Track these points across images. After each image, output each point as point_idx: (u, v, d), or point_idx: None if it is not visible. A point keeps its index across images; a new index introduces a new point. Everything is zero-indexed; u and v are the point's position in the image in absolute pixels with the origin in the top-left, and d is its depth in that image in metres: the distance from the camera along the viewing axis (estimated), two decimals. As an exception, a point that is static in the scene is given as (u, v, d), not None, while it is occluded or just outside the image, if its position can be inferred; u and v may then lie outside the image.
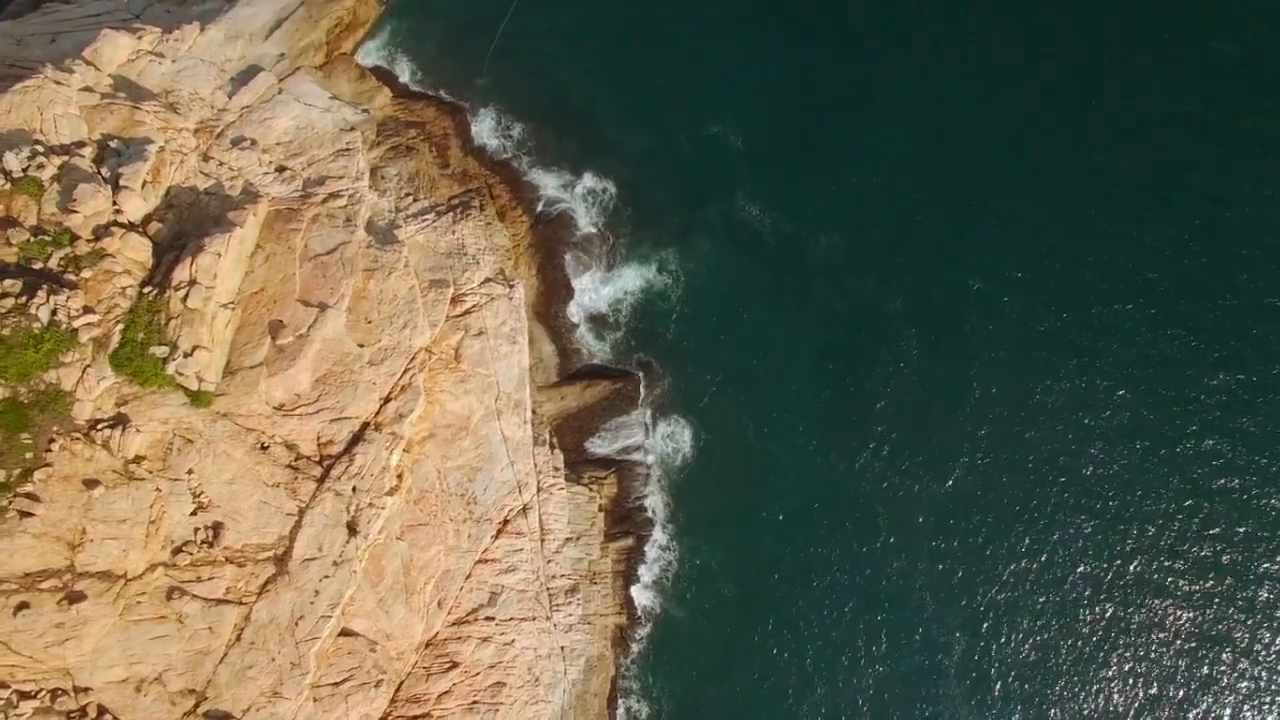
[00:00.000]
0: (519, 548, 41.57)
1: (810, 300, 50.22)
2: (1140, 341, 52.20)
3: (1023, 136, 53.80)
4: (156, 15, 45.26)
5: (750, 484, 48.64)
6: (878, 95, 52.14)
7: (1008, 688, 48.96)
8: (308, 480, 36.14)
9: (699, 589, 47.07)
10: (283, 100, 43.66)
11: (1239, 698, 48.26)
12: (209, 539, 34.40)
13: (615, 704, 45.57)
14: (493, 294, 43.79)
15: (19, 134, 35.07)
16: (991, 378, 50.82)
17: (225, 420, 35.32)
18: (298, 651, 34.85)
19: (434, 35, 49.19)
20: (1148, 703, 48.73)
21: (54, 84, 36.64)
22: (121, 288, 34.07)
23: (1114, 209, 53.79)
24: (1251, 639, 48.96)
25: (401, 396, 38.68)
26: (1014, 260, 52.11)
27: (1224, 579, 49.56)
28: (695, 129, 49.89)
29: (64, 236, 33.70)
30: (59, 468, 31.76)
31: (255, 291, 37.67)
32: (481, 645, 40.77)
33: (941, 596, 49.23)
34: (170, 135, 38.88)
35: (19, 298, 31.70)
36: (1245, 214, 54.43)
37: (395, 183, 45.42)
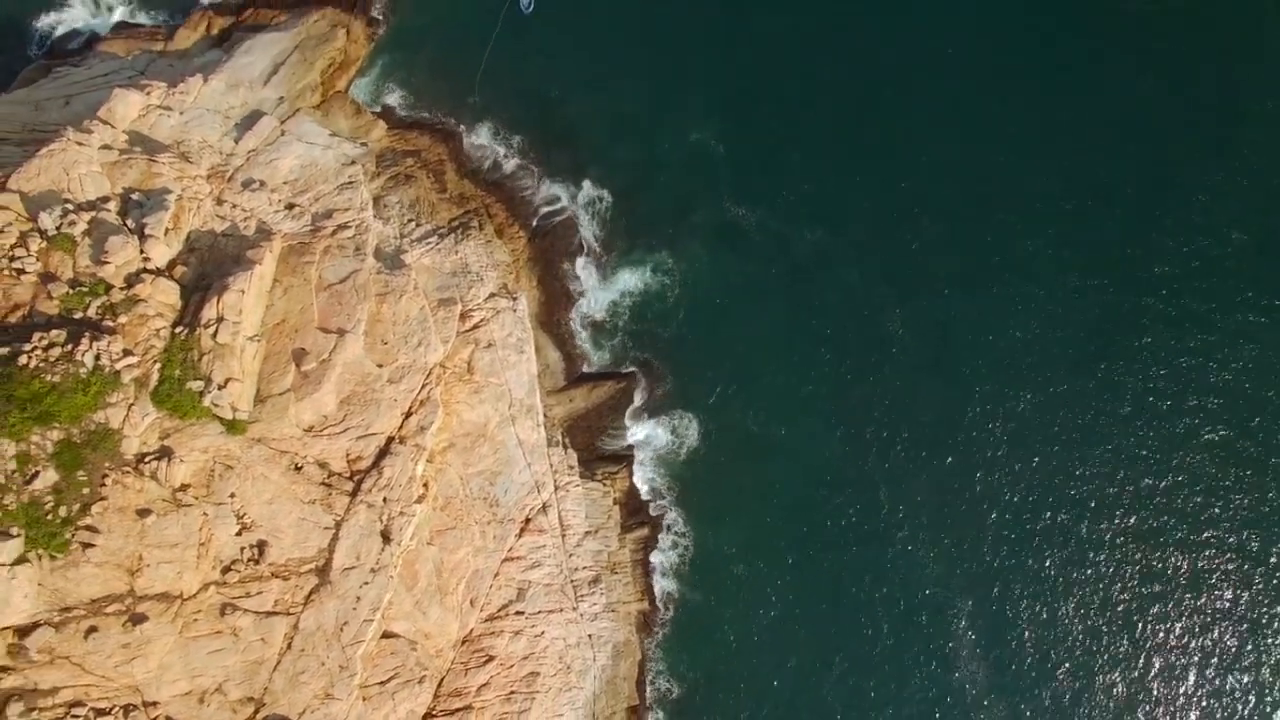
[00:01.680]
0: (541, 544, 44.15)
1: (800, 292, 52.73)
2: (1124, 312, 54.73)
3: (995, 125, 56.14)
4: (160, 70, 47.83)
5: (755, 470, 51.15)
6: (848, 95, 54.61)
7: (1018, 646, 51.44)
8: (341, 495, 38.72)
9: (714, 572, 49.58)
10: (286, 141, 46.17)
11: (1241, 640, 51.04)
12: (255, 556, 36.96)
13: (644, 686, 48.06)
14: (498, 308, 46.35)
15: (49, 194, 37.61)
16: (978, 356, 53.33)
17: (260, 445, 37.88)
18: (345, 655, 37.39)
19: (423, 65, 51.68)
20: (1146, 653, 51.37)
21: (76, 145, 39.15)
22: (156, 330, 36.61)
23: (1087, 190, 56.19)
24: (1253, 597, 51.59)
25: (421, 410, 41.24)
26: (994, 242, 54.64)
27: (1221, 532, 52.15)
28: (678, 137, 52.42)
29: (99, 286, 36.24)
30: (113, 500, 34.27)
31: (277, 323, 40.20)
32: (514, 638, 43.34)
33: (947, 563, 51.74)
34: (186, 183, 41.41)
35: (65, 346, 34.22)
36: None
37: (397, 210, 47.96)
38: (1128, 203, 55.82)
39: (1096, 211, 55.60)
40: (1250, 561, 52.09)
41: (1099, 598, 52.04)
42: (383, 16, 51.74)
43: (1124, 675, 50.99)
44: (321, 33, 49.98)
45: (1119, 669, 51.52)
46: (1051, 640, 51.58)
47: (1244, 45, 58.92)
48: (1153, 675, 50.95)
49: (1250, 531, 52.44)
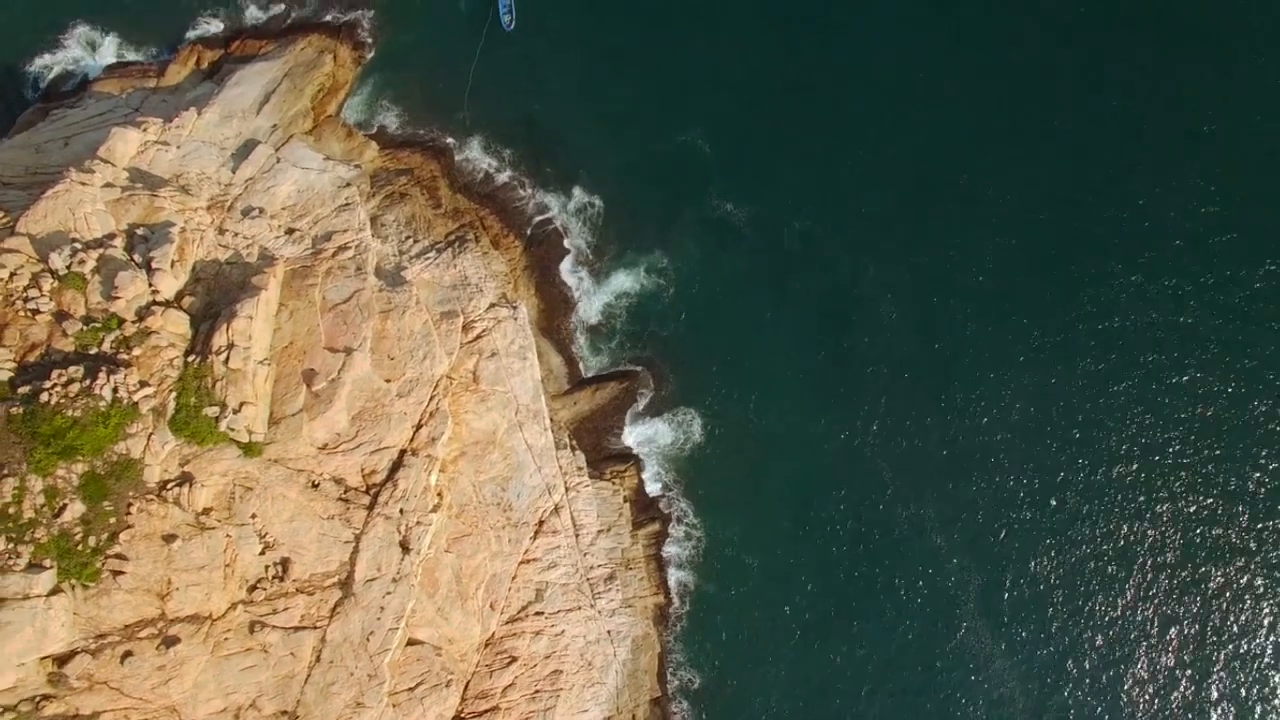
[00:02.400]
0: (556, 545, 45.26)
1: (791, 282, 53.80)
2: (1113, 289, 55.82)
3: (973, 110, 57.20)
4: (155, 106, 48.86)
5: (759, 460, 52.26)
6: (827, 89, 55.65)
7: (1025, 613, 52.62)
8: (359, 509, 39.81)
9: (726, 562, 50.70)
10: (281, 168, 47.20)
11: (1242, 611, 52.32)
12: (279, 574, 38.07)
13: (665, 678, 49.17)
14: (499, 317, 47.41)
15: (57, 235, 38.67)
16: (967, 334, 54.45)
17: (277, 465, 38.97)
18: (373, 664, 38.49)
19: (410, 85, 52.65)
20: (1145, 617, 52.61)
21: (80, 185, 40.18)
22: (169, 360, 37.69)
23: (1069, 175, 57.25)
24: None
25: (431, 422, 42.33)
26: (976, 225, 55.68)
27: (1221, 500, 53.34)
28: (664, 139, 53.46)
29: (112, 321, 37.32)
30: (140, 528, 35.38)
31: (286, 346, 41.29)
32: (535, 639, 44.47)
33: (953, 537, 52.87)
34: (187, 215, 42.48)
35: (83, 382, 35.27)
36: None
37: (395, 228, 49.02)
38: (1113, 181, 57.04)
39: (1084, 193, 56.80)
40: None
41: (1103, 561, 53.22)
42: (369, 39, 52.68)
43: (1126, 632, 52.34)
44: (309, 59, 50.96)
45: (1124, 631, 52.78)
46: (1059, 604, 52.75)
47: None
48: (1154, 628, 52.41)
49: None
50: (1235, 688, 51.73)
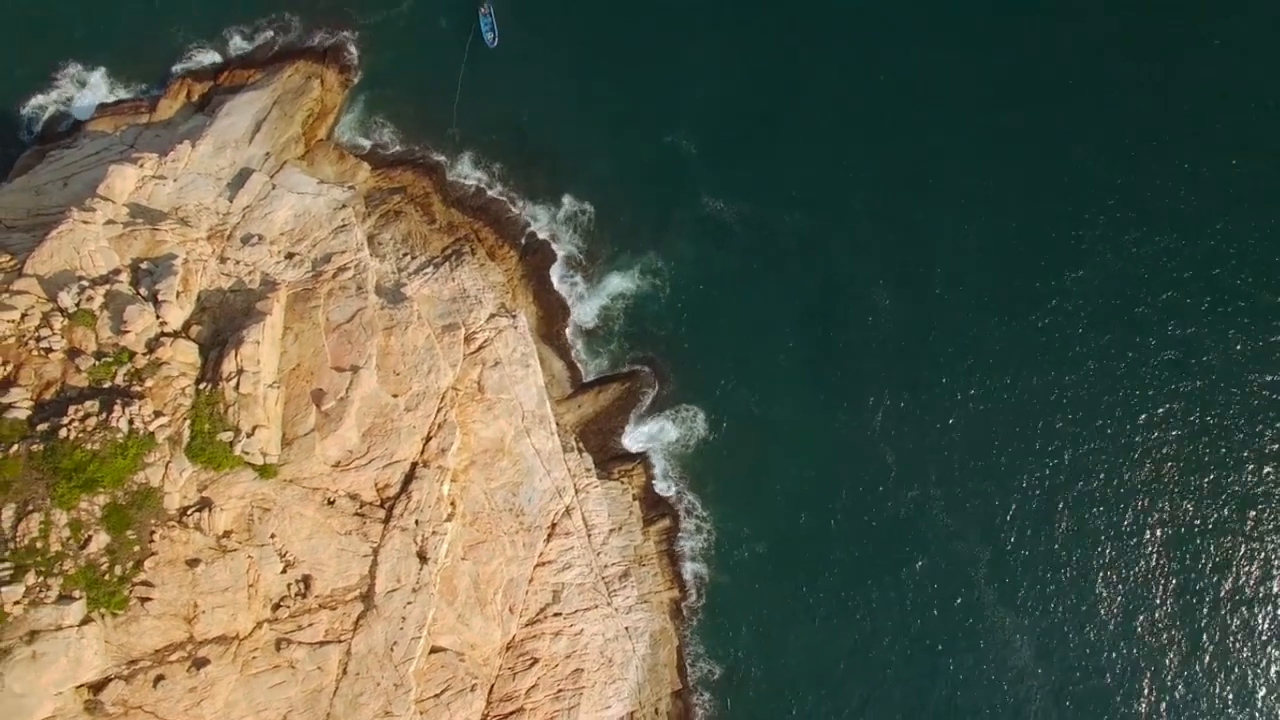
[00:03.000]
0: (570, 546, 46.11)
1: (785, 275, 54.69)
2: (1102, 268, 56.82)
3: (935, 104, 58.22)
4: (149, 141, 49.74)
5: (765, 450, 53.15)
6: (807, 84, 56.54)
7: (1036, 586, 53.47)
8: (375, 523, 40.68)
9: (737, 552, 51.58)
10: (277, 194, 48.07)
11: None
12: (301, 591, 38.93)
13: (685, 670, 50.01)
14: (499, 327, 48.28)
15: (64, 274, 39.55)
16: (962, 319, 55.37)
17: (293, 485, 39.84)
18: (398, 673, 39.36)
19: (398, 104, 53.55)
20: (1153, 584, 53.55)
21: (82, 224, 41.03)
22: (181, 389, 38.55)
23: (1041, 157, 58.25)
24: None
25: (440, 433, 43.19)
26: (966, 214, 56.65)
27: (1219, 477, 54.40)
28: (651, 142, 54.36)
29: (123, 355, 38.18)
30: (163, 554, 36.24)
31: (293, 368, 42.14)
32: (555, 639, 45.32)
33: (959, 514, 53.75)
34: (189, 247, 43.34)
35: (99, 415, 36.14)
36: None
37: (392, 246, 49.89)
38: (1101, 166, 58.18)
39: (1071, 178, 57.84)
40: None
41: (1108, 530, 54.11)
42: (354, 62, 53.56)
43: (1136, 598, 53.24)
44: (297, 86, 51.86)
45: (1133, 597, 53.68)
46: (1069, 575, 53.60)
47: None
48: (1157, 595, 53.29)
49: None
50: (1247, 655, 52.76)
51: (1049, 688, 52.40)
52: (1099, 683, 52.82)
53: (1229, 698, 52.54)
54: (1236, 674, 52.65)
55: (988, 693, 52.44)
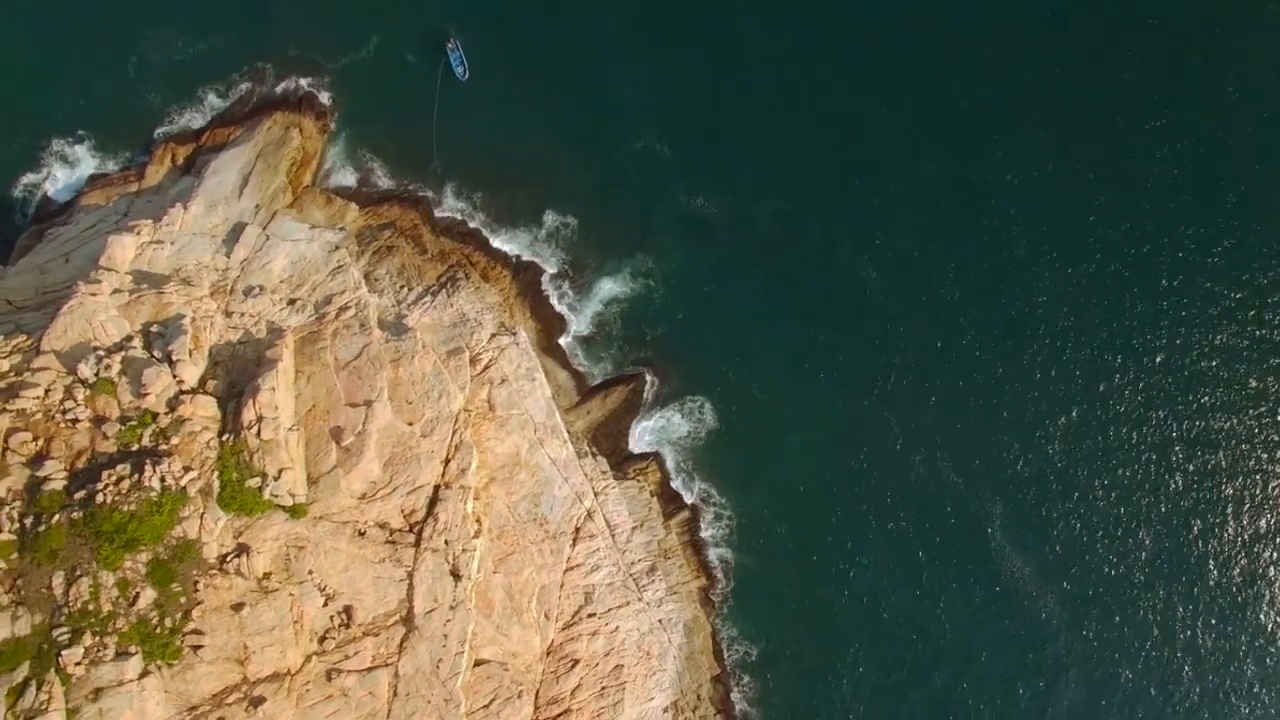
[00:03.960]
0: (595, 548, 47.62)
1: (770, 261, 56.26)
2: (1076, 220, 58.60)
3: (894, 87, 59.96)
4: (142, 209, 51.18)
5: (773, 431, 54.73)
6: (766, 75, 58.11)
7: (1049, 532, 55.08)
8: (406, 548, 42.16)
9: (759, 534, 53.17)
10: (272, 244, 49.51)
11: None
12: (344, 621, 40.42)
13: (722, 654, 51.49)
14: (501, 345, 49.75)
15: (80, 346, 40.97)
16: (947, 281, 56.96)
17: (324, 521, 41.31)
18: (446, 689, 40.84)
19: (377, 142, 54.91)
20: (1161, 518, 55.29)
21: (90, 296, 42.44)
22: (205, 442, 40.00)
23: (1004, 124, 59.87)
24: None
25: (458, 455, 44.68)
26: (929, 184, 58.38)
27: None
28: (624, 150, 55.84)
29: (147, 417, 39.64)
30: (209, 602, 37.68)
31: (309, 409, 43.61)
32: (592, 639, 46.82)
33: (967, 473, 55.31)
34: (194, 305, 44.78)
35: (132, 477, 37.58)
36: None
37: (388, 280, 51.36)
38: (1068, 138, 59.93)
39: (1037, 150, 59.72)
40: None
41: (1112, 471, 55.79)
42: (329, 107, 54.94)
43: (1148, 533, 54.97)
44: (277, 137, 53.27)
45: (1146, 532, 55.33)
46: (1080, 518, 55.24)
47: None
48: (1169, 525, 55.22)
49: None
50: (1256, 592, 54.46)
51: (1075, 633, 53.96)
52: (1122, 622, 54.46)
53: (1248, 621, 54.34)
54: (1250, 596, 54.38)
55: (1019, 644, 54.01)
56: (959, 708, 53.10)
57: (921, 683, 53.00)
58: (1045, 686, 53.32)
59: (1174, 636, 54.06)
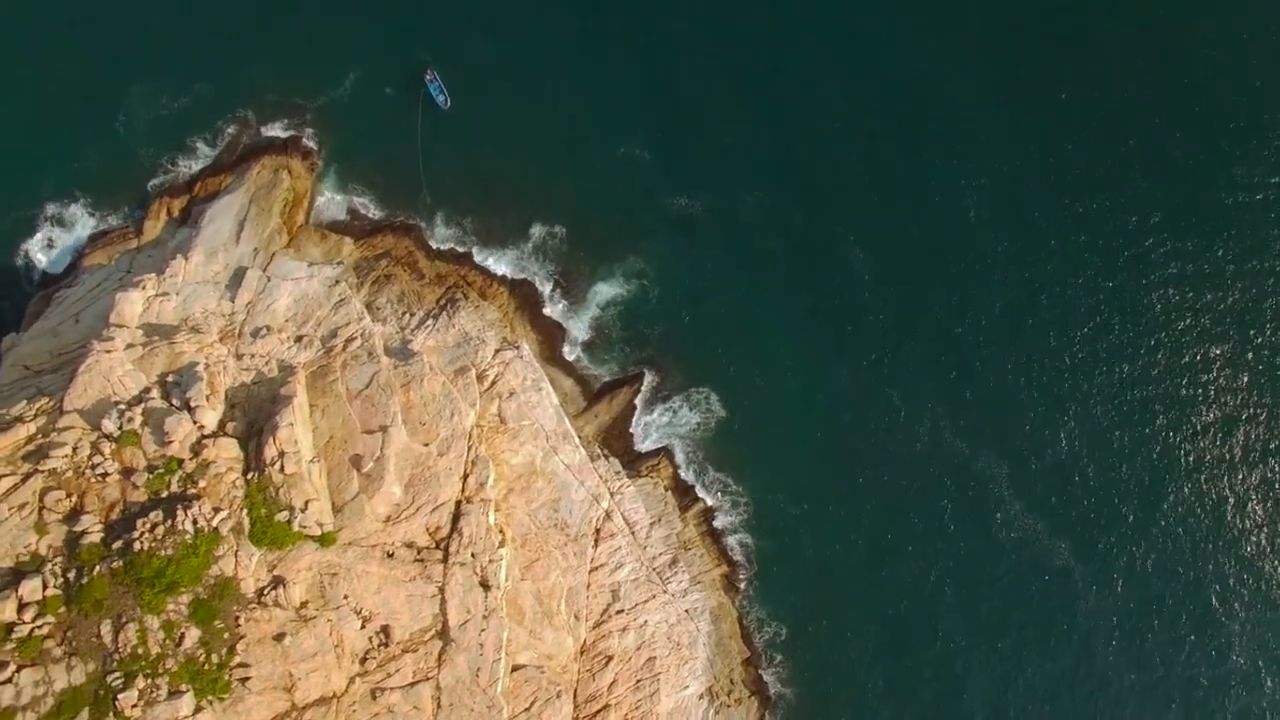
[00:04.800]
0: (617, 546, 48.96)
1: (758, 250, 57.71)
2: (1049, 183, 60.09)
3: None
4: (144, 264, 52.53)
5: (779, 415, 56.24)
6: (735, 73, 59.53)
7: (1055, 485, 56.44)
8: (435, 564, 43.54)
9: (774, 517, 54.59)
10: (274, 285, 50.84)
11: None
12: (383, 641, 41.81)
13: (750, 637, 52.83)
14: (506, 360, 51.10)
15: (101, 403, 42.33)
16: (932, 258, 58.46)
17: (353, 547, 42.70)
18: (488, 696, 42.22)
19: (365, 175, 56.15)
20: (1163, 463, 56.77)
21: (105, 353, 43.77)
22: (231, 482, 41.37)
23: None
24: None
25: (475, 469, 46.05)
26: (905, 151, 59.93)
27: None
28: (605, 158, 57.18)
29: (173, 464, 41.01)
30: (252, 635, 39.05)
31: (327, 440, 44.99)
32: (623, 635, 48.19)
33: (970, 437, 56.75)
34: (206, 352, 46.15)
35: (165, 523, 38.97)
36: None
37: (390, 308, 52.72)
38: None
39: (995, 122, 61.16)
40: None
41: (1111, 422, 57.24)
42: (314, 146, 56.21)
43: (1155, 480, 56.43)
44: (267, 181, 54.60)
45: (1153, 479, 56.78)
46: (1085, 470, 56.66)
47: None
48: (1173, 471, 56.68)
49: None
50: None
51: (1090, 579, 55.29)
52: (1137, 561, 55.79)
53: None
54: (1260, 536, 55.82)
55: (1038, 598, 55.37)
56: (988, 666, 54.55)
57: (952, 646, 54.43)
58: (1069, 632, 54.91)
59: (1193, 572, 55.73)
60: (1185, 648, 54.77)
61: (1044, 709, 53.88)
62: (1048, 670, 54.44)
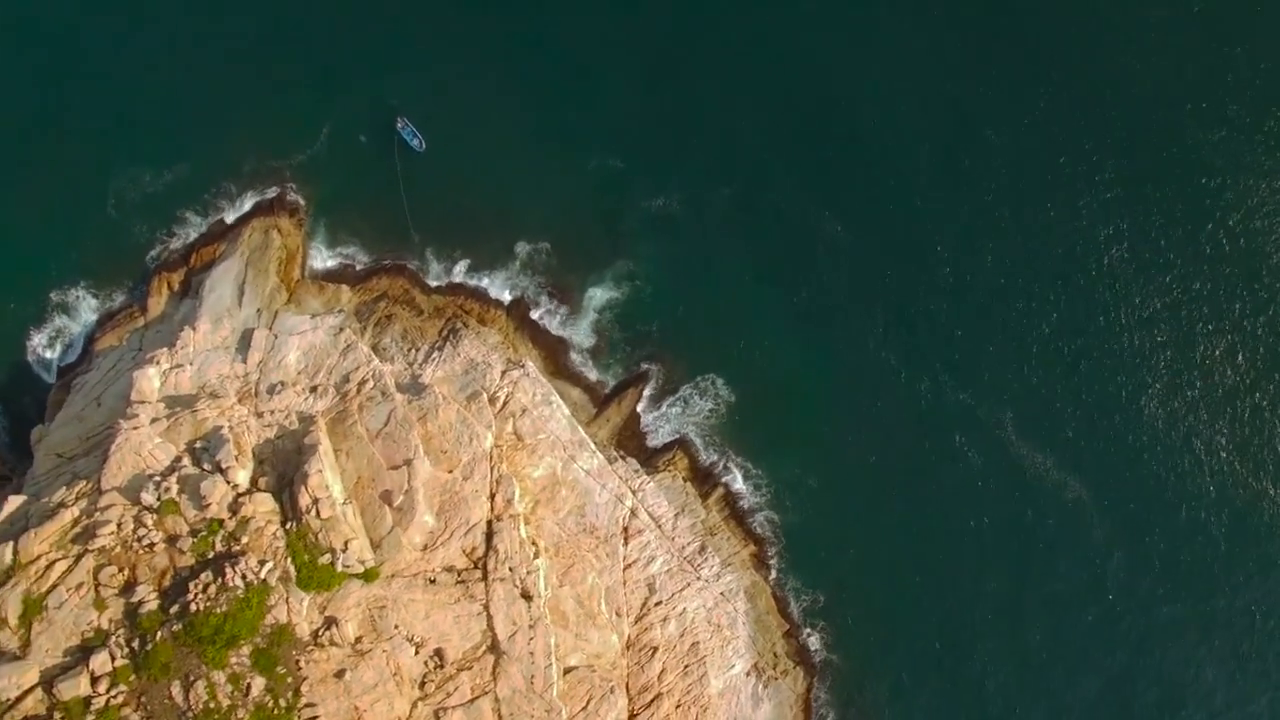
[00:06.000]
0: (646, 541, 50.78)
1: (741, 237, 59.53)
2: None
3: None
4: (154, 340, 54.31)
5: (784, 393, 58.05)
6: (687, 76, 61.17)
7: (1058, 426, 58.31)
8: (476, 583, 45.41)
9: (793, 491, 56.38)
10: (281, 341, 52.64)
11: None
12: (438, 663, 43.70)
13: (788, 610, 54.59)
14: (514, 379, 52.89)
15: (136, 478, 44.19)
16: (908, 224, 60.14)
17: (396, 578, 44.57)
18: (545, 701, 44.12)
19: (352, 223, 57.62)
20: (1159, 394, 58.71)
21: (132, 430, 45.69)
22: (272, 534, 43.25)
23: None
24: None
25: (500, 488, 47.90)
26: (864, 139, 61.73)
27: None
28: (579, 172, 58.83)
29: (214, 525, 42.88)
30: (314, 675, 40.93)
31: (356, 481, 46.84)
32: (664, 625, 50.03)
33: (972, 389, 58.60)
34: (228, 415, 48.01)
35: (216, 581, 40.86)
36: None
37: (395, 346, 54.51)
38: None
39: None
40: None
41: (1106, 362, 59.23)
42: (300, 203, 57.91)
43: (1155, 408, 58.31)
44: (259, 242, 56.35)
45: (1152, 398, 58.57)
46: (1085, 409, 58.60)
47: None
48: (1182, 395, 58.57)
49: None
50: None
51: (1102, 508, 57.07)
52: (1147, 491, 57.65)
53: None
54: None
55: (1060, 531, 57.19)
56: (1021, 606, 56.46)
57: (983, 591, 56.35)
58: (1092, 562, 56.58)
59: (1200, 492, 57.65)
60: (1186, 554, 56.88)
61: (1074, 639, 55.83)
62: (1059, 593, 56.46)
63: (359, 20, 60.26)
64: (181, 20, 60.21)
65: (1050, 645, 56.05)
